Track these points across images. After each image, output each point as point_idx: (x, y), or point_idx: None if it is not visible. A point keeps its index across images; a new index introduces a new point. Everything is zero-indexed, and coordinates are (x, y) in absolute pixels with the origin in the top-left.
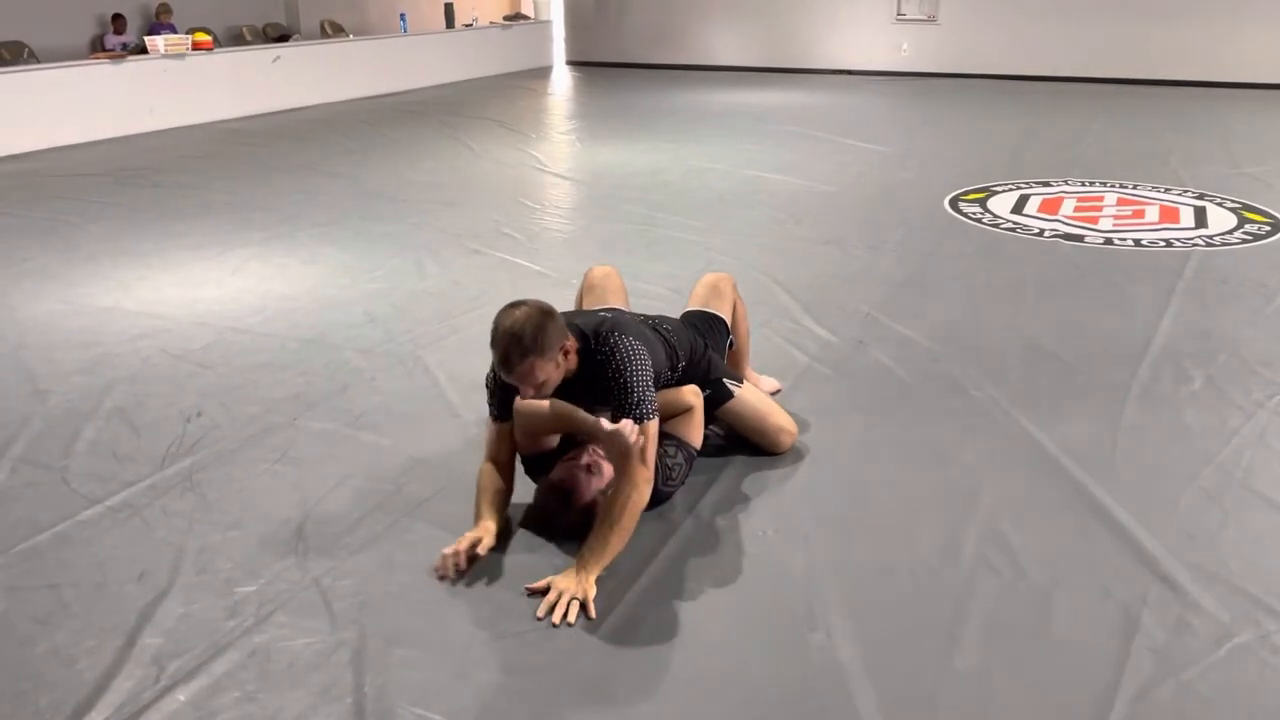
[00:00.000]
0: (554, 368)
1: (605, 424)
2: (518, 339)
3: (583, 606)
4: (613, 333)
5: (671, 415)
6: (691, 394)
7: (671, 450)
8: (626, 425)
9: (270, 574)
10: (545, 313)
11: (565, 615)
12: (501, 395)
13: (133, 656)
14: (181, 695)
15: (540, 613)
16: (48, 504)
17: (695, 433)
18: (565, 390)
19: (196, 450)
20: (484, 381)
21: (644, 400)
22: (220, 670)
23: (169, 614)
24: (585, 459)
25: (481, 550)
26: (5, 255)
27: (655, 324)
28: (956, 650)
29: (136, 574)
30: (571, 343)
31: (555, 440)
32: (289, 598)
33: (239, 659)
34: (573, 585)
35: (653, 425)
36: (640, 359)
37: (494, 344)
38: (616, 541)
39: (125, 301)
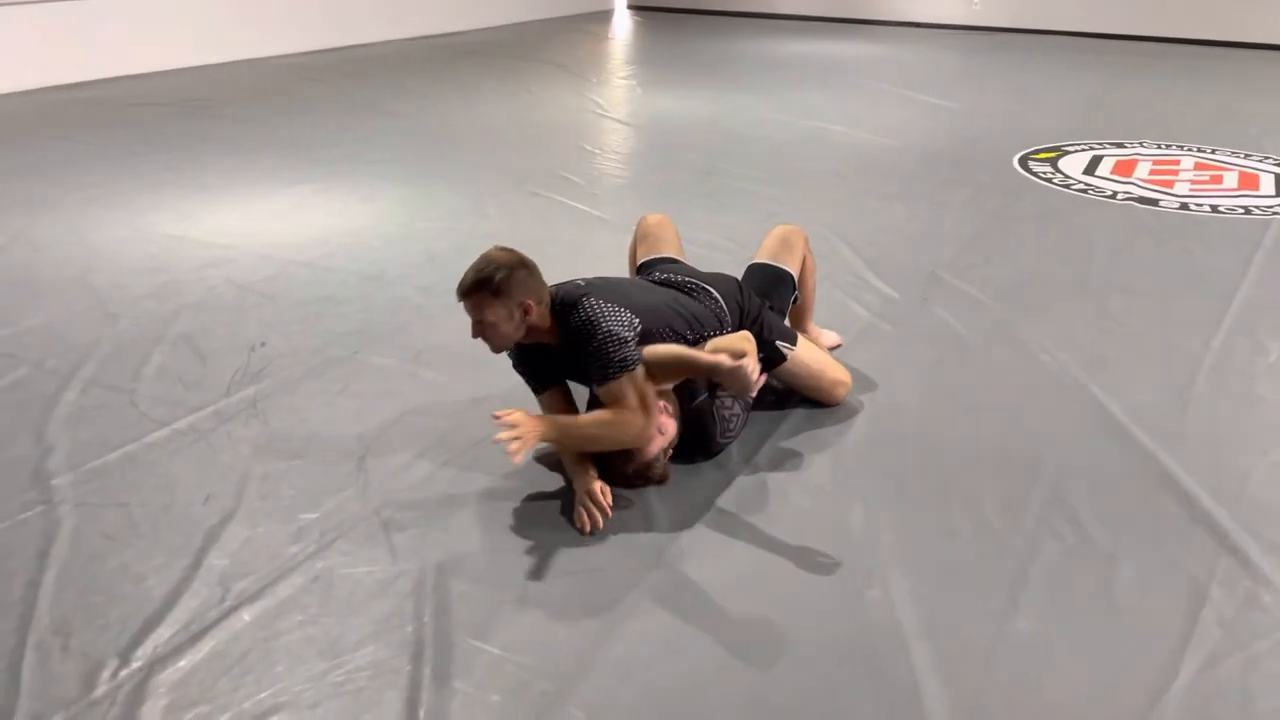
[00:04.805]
0: (506, 317)
1: (724, 360)
2: (481, 271)
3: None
4: (584, 298)
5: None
6: (743, 340)
7: (729, 401)
8: (748, 363)
9: (332, 503)
10: (524, 264)
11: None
12: (527, 365)
13: (199, 576)
14: (246, 615)
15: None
16: (117, 425)
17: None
18: (551, 361)
19: (260, 379)
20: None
21: (616, 358)
22: (284, 593)
23: (234, 537)
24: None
25: (607, 494)
26: (75, 181)
27: (686, 290)
28: (1017, 613)
29: (203, 496)
30: (537, 307)
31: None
32: (350, 527)
33: (302, 583)
34: (529, 428)
35: (636, 374)
36: (609, 318)
37: (464, 273)
38: (587, 435)
39: (192, 231)
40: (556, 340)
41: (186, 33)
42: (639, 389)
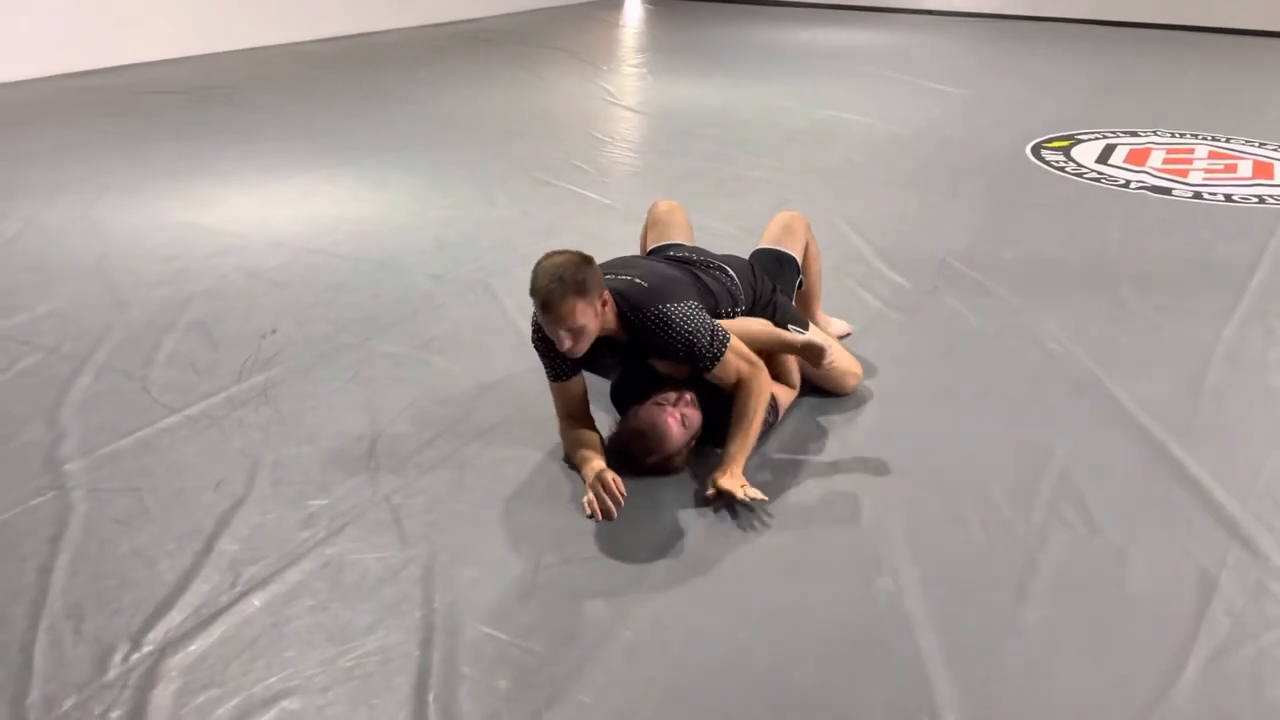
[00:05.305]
0: (593, 315)
1: (815, 339)
2: (560, 279)
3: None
4: (656, 304)
5: (774, 373)
6: (795, 364)
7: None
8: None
9: (342, 489)
10: (586, 259)
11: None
12: (555, 353)
13: (210, 561)
14: (256, 600)
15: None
16: (129, 411)
17: (785, 396)
18: (616, 355)
19: (271, 366)
20: (532, 343)
21: (712, 341)
22: (294, 579)
23: (245, 522)
24: (678, 410)
25: (619, 482)
26: (87, 168)
27: (704, 267)
28: (1026, 602)
29: (214, 482)
30: (609, 294)
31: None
32: (360, 513)
33: (312, 569)
34: (732, 484)
35: (733, 344)
36: (687, 318)
37: (534, 289)
38: (753, 434)
39: (203, 218)
40: (623, 334)
41: (198, 21)
42: (742, 354)
